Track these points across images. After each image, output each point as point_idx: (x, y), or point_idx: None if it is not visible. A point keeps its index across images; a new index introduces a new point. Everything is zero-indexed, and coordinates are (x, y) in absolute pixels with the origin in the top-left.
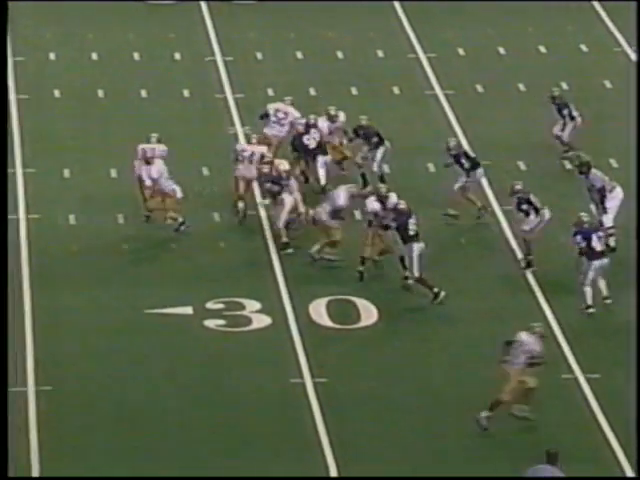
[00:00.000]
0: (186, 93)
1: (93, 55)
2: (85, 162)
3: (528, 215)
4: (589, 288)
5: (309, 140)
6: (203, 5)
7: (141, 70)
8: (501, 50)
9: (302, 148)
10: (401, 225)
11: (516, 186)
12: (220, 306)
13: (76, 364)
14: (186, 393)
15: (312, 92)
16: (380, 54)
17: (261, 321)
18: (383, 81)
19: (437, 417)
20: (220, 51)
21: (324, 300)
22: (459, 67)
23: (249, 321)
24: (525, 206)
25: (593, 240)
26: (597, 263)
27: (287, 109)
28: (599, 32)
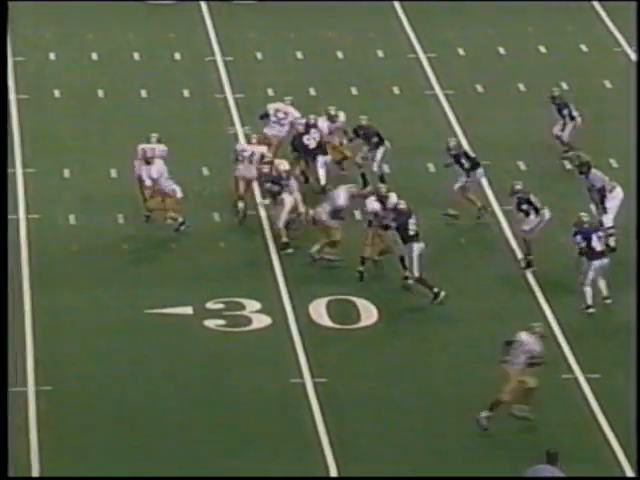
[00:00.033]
0: (186, 93)
1: (93, 55)
2: (85, 162)
3: (528, 215)
4: (589, 288)
5: (309, 140)
6: (203, 5)
7: (141, 70)
8: (501, 50)
9: (302, 148)
10: (401, 225)
11: (516, 186)
12: (220, 306)
13: (76, 364)
14: (186, 393)
15: (312, 92)
16: (380, 54)
17: (261, 321)
18: (383, 81)
19: (437, 417)
20: (220, 51)
21: (324, 300)
22: (459, 67)
23: (249, 321)
24: (525, 206)
25: (593, 240)
26: (597, 263)
27: (287, 109)
28: (599, 32)
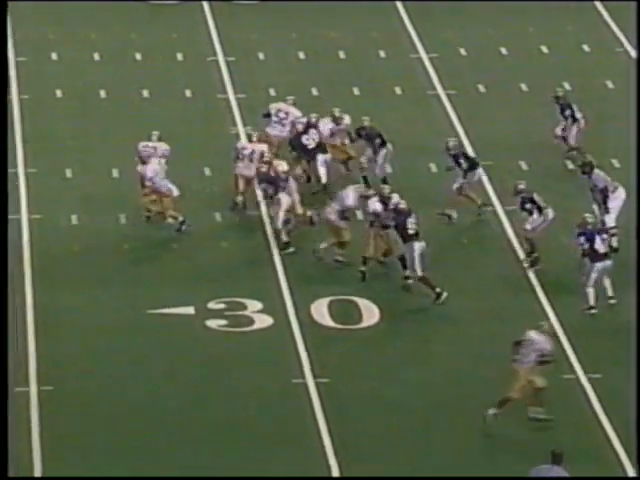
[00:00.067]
0: (188, 93)
1: (95, 55)
2: (87, 162)
3: (532, 214)
4: (592, 289)
5: (308, 140)
6: (205, 5)
7: (143, 70)
8: (503, 50)
9: (301, 148)
10: (400, 224)
11: (519, 185)
12: (222, 306)
13: (77, 364)
14: (187, 393)
15: (314, 92)
16: (382, 54)
17: (263, 321)
18: (385, 81)
19: (439, 417)
20: (222, 51)
21: (326, 300)
22: (461, 67)
23: (251, 321)
24: (529, 205)
25: (596, 242)
26: (600, 265)
27: (288, 109)
28: (601, 32)
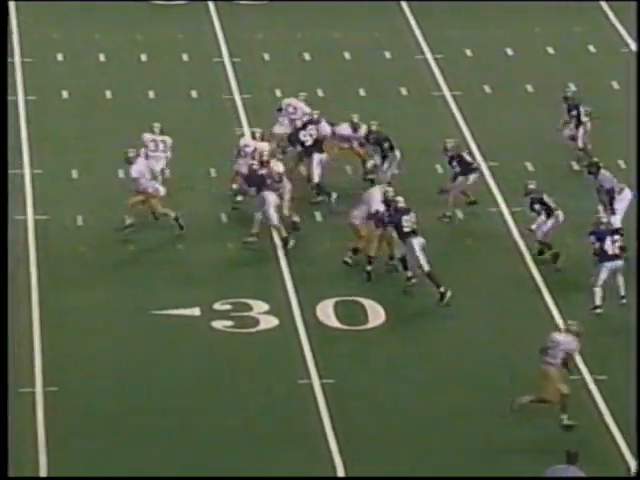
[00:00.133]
0: (194, 94)
1: (100, 56)
2: (93, 163)
3: (539, 215)
4: (599, 289)
5: (305, 137)
6: (211, 6)
7: (148, 71)
8: (509, 51)
9: (298, 143)
10: (394, 222)
11: (530, 186)
12: (228, 307)
13: (83, 365)
14: (193, 394)
15: (319, 93)
16: (387, 55)
17: (269, 322)
18: (390, 82)
19: (444, 418)
20: (228, 52)
21: (331, 301)
22: (466, 68)
23: (257, 322)
24: (537, 206)
25: (606, 242)
26: (609, 265)
27: (298, 105)
28: (607, 33)
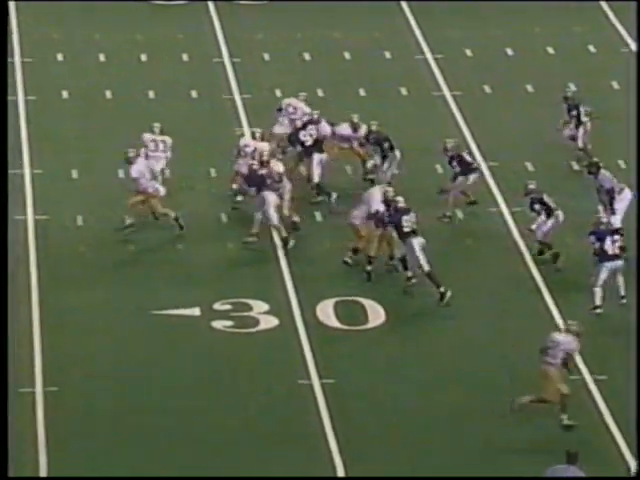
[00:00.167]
0: (194, 94)
1: (100, 56)
2: (93, 163)
3: (539, 215)
4: (599, 289)
5: (305, 137)
6: (211, 6)
7: (148, 71)
8: (509, 51)
9: (298, 143)
10: (393, 222)
11: (530, 186)
12: (228, 307)
13: (83, 365)
14: (193, 394)
15: (319, 93)
16: (387, 55)
17: (268, 322)
18: (390, 82)
19: (444, 418)
20: (227, 52)
21: (331, 301)
22: (466, 68)
23: (256, 322)
24: (537, 206)
25: (606, 243)
26: (609, 265)
27: (298, 105)
28: (607, 33)
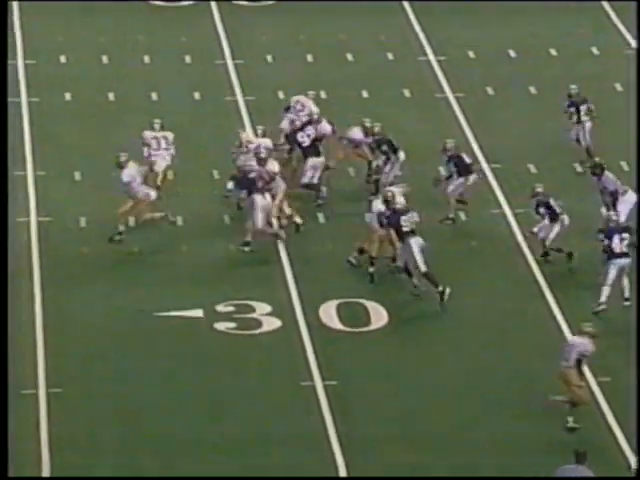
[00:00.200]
0: (197, 95)
1: (103, 58)
2: (95, 165)
3: (543, 218)
4: (607, 287)
5: (303, 138)
6: (214, 8)
7: (151, 73)
8: (511, 53)
9: (296, 144)
10: (392, 223)
11: (537, 189)
12: (230, 309)
13: (86, 366)
14: (196, 396)
15: (322, 95)
16: (390, 57)
17: (271, 324)
18: (393, 84)
19: (447, 419)
20: (230, 54)
21: (334, 303)
22: (469, 70)
23: (259, 324)
24: (542, 210)
25: (614, 241)
26: (616, 262)
27: (306, 103)
28: (610, 35)
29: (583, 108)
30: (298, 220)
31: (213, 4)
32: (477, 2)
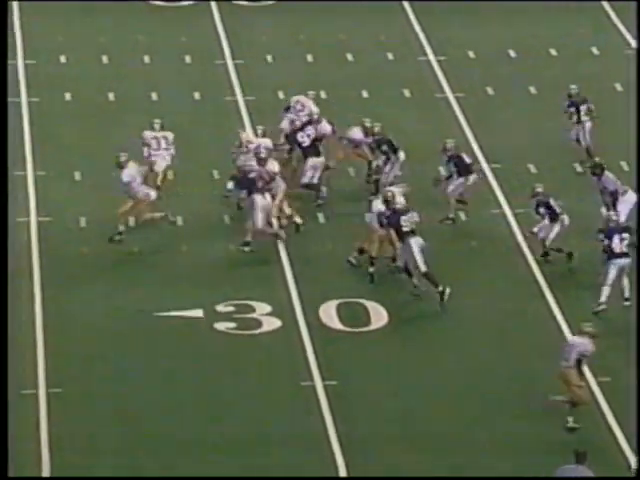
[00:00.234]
0: (197, 96)
1: (103, 58)
2: (95, 165)
3: (543, 218)
4: (607, 287)
5: (302, 138)
6: (214, 8)
7: (151, 73)
8: (511, 53)
9: (295, 144)
10: (392, 223)
11: (537, 189)
12: (230, 309)
13: (86, 366)
14: (196, 396)
15: (322, 95)
16: (390, 57)
17: (271, 324)
18: (393, 84)
19: (447, 420)
20: (230, 54)
21: (334, 303)
22: (469, 70)
23: (259, 324)
24: (542, 210)
25: (614, 241)
26: (616, 262)
27: (306, 103)
28: (610, 35)
29: (583, 108)
30: (298, 220)
31: (213, 4)
32: (477, 2)
